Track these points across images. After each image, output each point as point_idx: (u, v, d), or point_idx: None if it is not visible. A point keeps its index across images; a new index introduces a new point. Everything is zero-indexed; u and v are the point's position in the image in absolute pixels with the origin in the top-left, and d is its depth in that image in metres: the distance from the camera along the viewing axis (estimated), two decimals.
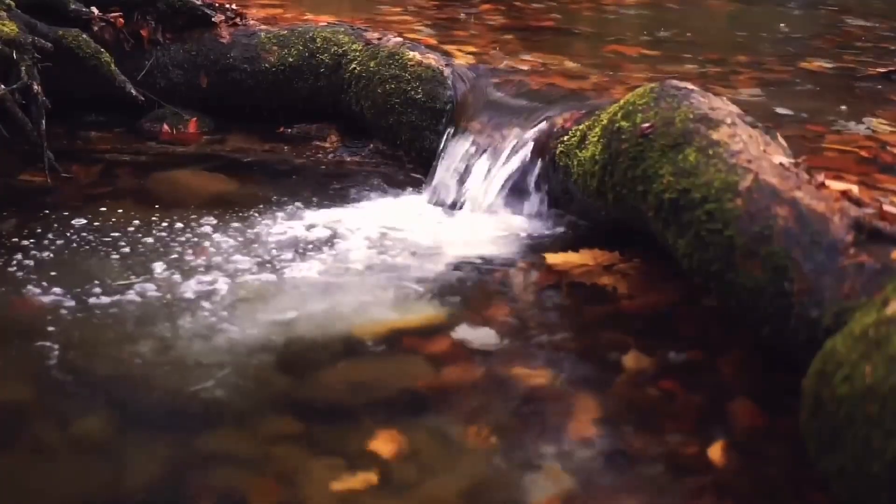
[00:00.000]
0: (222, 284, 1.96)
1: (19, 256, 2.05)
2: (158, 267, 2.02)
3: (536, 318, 1.92)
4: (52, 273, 1.98)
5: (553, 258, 2.10)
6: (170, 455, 1.46)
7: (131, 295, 1.90)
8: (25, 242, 2.12)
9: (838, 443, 1.17)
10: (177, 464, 1.44)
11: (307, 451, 1.47)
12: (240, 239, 2.19)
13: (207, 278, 1.98)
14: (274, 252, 2.12)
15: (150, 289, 1.93)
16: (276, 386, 1.65)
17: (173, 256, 2.08)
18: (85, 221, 2.24)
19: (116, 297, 1.89)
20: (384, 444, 1.49)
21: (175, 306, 1.87)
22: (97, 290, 1.91)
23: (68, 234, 2.16)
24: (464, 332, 1.82)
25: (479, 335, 1.81)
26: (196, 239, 2.17)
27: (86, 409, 1.58)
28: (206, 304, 1.88)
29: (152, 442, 1.49)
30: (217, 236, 2.19)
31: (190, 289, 1.93)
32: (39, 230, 2.19)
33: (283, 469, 1.43)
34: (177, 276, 1.98)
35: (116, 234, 2.17)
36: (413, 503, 1.37)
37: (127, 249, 2.10)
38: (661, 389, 1.63)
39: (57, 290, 1.90)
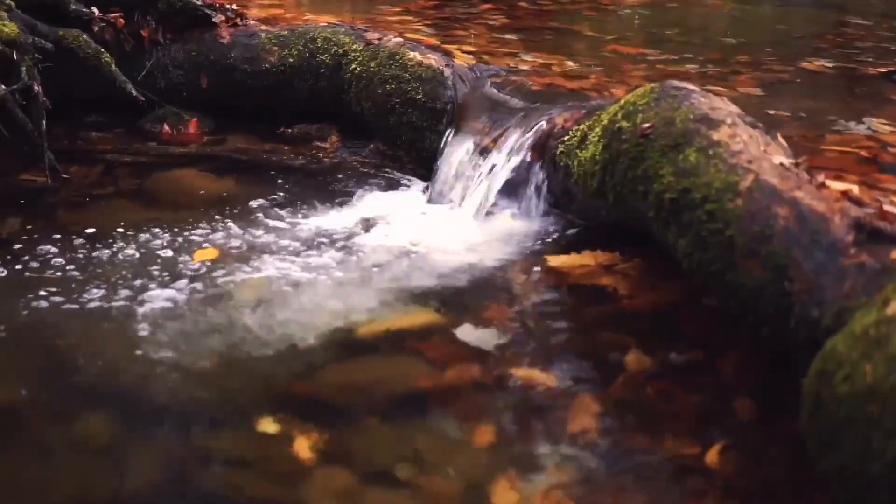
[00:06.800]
0: (222, 284, 1.96)
1: (20, 257, 2.05)
2: (159, 267, 2.02)
3: (537, 318, 1.92)
4: (53, 273, 1.98)
5: (553, 258, 2.10)
6: (170, 453, 1.46)
7: (131, 295, 1.90)
8: (26, 243, 2.12)
9: (838, 443, 1.17)
10: (177, 463, 1.44)
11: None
12: (239, 239, 2.19)
13: (207, 278, 1.98)
14: (273, 252, 2.13)
15: (150, 289, 1.93)
16: (276, 385, 1.66)
17: (173, 257, 2.08)
18: (85, 222, 2.24)
19: (116, 297, 1.89)
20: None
21: (174, 306, 1.87)
22: (97, 290, 1.91)
23: (69, 235, 2.17)
24: (464, 333, 1.82)
25: (479, 335, 1.81)
26: (196, 239, 2.17)
27: (86, 410, 1.58)
28: (205, 304, 1.88)
29: (152, 440, 1.49)
30: (217, 237, 2.19)
31: (189, 289, 1.94)
32: (40, 230, 2.19)
33: (283, 468, 1.43)
34: (176, 277, 1.98)
35: (117, 235, 2.17)
36: (413, 503, 1.37)
37: (127, 250, 2.10)
38: (662, 389, 1.63)
39: (57, 290, 1.90)
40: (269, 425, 1.53)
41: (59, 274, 1.98)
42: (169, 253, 2.10)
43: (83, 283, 1.94)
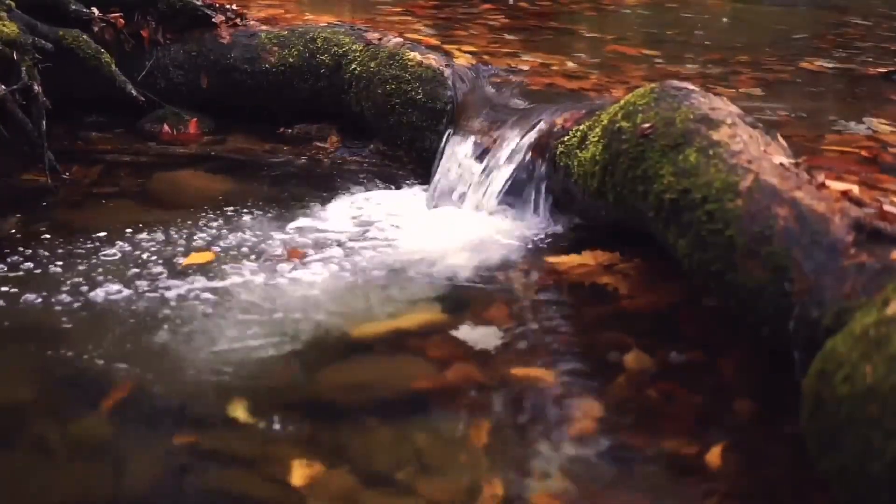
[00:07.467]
0: (223, 284, 1.96)
1: (20, 256, 2.05)
2: (159, 268, 2.02)
3: (537, 318, 1.92)
4: (53, 273, 1.98)
5: (554, 258, 2.10)
6: (170, 454, 1.46)
7: (131, 295, 1.90)
8: (26, 243, 2.12)
9: (839, 443, 1.17)
10: (173, 464, 1.44)
11: (308, 452, 1.47)
12: (237, 240, 2.19)
13: (207, 279, 1.98)
14: (274, 252, 2.13)
15: (151, 289, 1.93)
16: (276, 386, 1.65)
17: (171, 257, 2.08)
18: (85, 222, 2.24)
19: (116, 298, 1.89)
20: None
21: (174, 307, 1.87)
22: (97, 290, 1.91)
23: (69, 235, 2.17)
24: (464, 333, 1.82)
25: (479, 335, 1.81)
26: (195, 240, 2.18)
27: (85, 409, 1.58)
28: (205, 305, 1.88)
29: (152, 441, 1.49)
30: (215, 237, 2.19)
31: (189, 289, 1.94)
32: (40, 231, 2.19)
33: (281, 469, 1.43)
34: (176, 277, 1.98)
35: (116, 235, 2.17)
36: (413, 503, 1.37)
37: (126, 249, 2.10)
38: (662, 389, 1.63)
39: (57, 290, 1.90)
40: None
41: (58, 274, 1.98)
42: (167, 253, 2.10)
43: (82, 283, 1.94)
